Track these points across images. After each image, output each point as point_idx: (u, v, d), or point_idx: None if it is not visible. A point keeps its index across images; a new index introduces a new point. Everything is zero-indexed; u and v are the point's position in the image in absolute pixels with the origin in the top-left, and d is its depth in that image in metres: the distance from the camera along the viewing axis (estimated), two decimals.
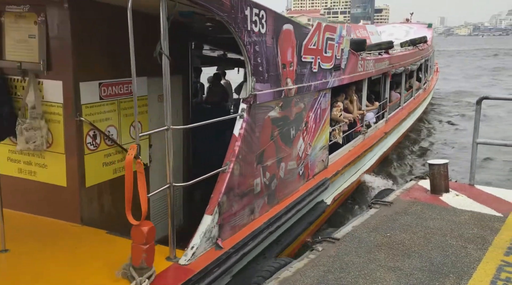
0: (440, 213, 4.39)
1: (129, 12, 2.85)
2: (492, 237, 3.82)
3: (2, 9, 3.86)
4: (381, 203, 4.67)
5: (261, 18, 4.03)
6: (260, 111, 4.21)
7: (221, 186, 3.75)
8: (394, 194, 5.03)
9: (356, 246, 3.65)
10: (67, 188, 3.92)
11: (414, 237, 3.83)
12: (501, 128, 13.47)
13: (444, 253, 3.53)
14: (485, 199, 4.81)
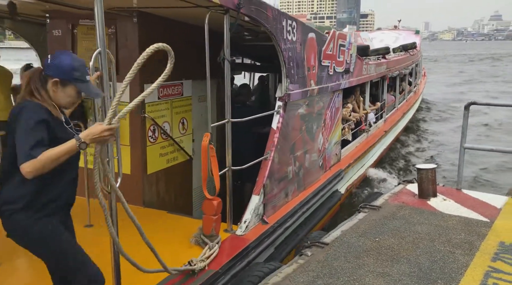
0: (428, 218, 4.44)
1: (206, 27, 3.50)
2: (479, 243, 3.86)
3: (75, 22, 4.50)
4: (369, 207, 4.72)
5: (293, 28, 4.73)
6: (292, 108, 4.90)
7: (265, 171, 4.43)
8: (383, 198, 5.08)
9: (345, 251, 3.67)
10: (131, 175, 4.55)
11: (402, 242, 3.87)
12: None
13: (432, 258, 3.56)
14: (472, 204, 4.87)
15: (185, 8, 3.78)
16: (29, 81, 2.28)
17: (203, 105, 5.39)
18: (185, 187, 5.21)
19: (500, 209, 4.74)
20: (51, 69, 2.30)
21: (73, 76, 2.31)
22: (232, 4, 3.57)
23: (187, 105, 5.15)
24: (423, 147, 12.10)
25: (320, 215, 5.65)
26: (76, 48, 4.55)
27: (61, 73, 2.29)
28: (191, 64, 4.83)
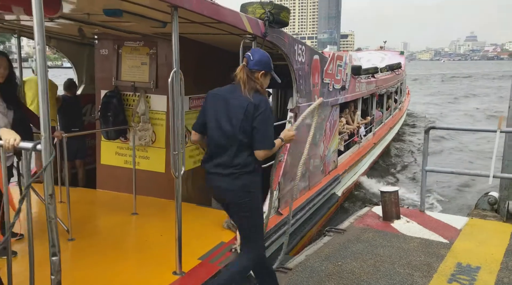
0: (390, 240, 4.51)
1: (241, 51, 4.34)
2: (438, 264, 3.94)
3: (121, 43, 5.32)
4: (334, 230, 4.82)
5: (302, 51, 5.62)
6: None
7: (279, 170, 5.25)
8: (348, 221, 5.19)
9: (307, 276, 3.70)
10: (165, 173, 5.33)
11: (364, 265, 3.92)
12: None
13: (391, 281, 3.61)
14: (433, 226, 4.99)
15: (219, 35, 4.63)
16: (245, 80, 2.89)
17: None
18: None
19: (460, 230, 4.93)
20: (257, 65, 2.93)
21: (271, 67, 3.00)
22: (260, 33, 4.43)
23: None
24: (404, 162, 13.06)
25: (322, 213, 6.48)
26: (121, 66, 5.35)
27: (266, 66, 2.95)
28: (216, 80, 5.67)
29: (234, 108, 2.88)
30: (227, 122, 2.88)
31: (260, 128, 2.83)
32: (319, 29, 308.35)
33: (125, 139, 5.45)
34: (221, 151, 2.92)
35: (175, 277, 3.43)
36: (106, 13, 3.50)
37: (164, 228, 4.43)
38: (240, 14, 4.08)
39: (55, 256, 2.34)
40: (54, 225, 2.31)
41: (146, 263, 3.64)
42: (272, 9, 4.53)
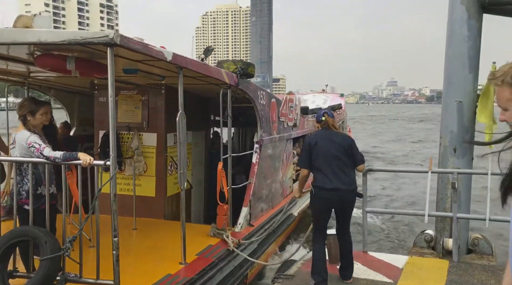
0: (337, 284, 4.69)
1: (220, 97, 5.69)
2: None
3: (117, 92, 6.50)
4: (283, 277, 4.97)
5: (264, 96, 7.07)
6: (264, 149, 7.13)
7: (250, 191, 6.53)
8: (296, 266, 5.38)
9: None
10: (155, 197, 6.44)
11: None
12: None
13: None
14: (377, 266, 5.19)
15: (203, 85, 5.98)
16: (336, 125, 4.93)
17: (198, 149, 7.48)
18: (187, 207, 7.13)
19: (402, 269, 5.17)
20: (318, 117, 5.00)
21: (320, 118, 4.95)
22: (234, 83, 5.82)
23: (189, 148, 7.20)
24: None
25: (282, 229, 7.76)
26: (118, 111, 6.51)
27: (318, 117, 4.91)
28: (192, 120, 6.96)
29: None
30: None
31: (357, 152, 4.85)
32: None
33: (121, 170, 6.53)
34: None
35: (181, 266, 4.56)
36: (126, 71, 4.74)
37: (162, 237, 5.53)
38: (221, 70, 5.46)
39: (115, 237, 3.47)
40: (116, 216, 3.45)
41: (158, 259, 4.74)
42: (242, 65, 5.96)
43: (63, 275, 3.56)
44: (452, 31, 6.05)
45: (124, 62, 4.57)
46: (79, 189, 3.77)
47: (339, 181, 4.64)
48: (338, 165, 4.68)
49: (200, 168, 7.71)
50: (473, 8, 6.05)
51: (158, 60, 4.09)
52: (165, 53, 4.03)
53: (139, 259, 4.75)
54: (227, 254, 5.27)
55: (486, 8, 6.03)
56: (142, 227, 5.96)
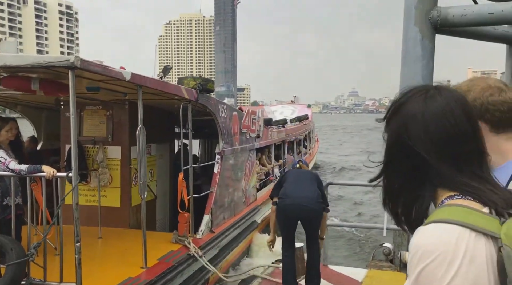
0: None
1: (181, 112, 6.08)
2: None
3: (83, 108, 6.80)
4: None
5: (225, 109, 7.50)
6: (226, 159, 7.53)
7: (211, 199, 6.91)
8: (257, 281, 5.46)
9: None
10: (120, 207, 6.73)
11: None
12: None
13: None
14: (337, 280, 5.28)
15: (164, 100, 6.36)
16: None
17: (163, 161, 7.83)
18: (152, 217, 7.45)
19: (361, 282, 5.25)
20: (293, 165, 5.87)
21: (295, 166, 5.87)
22: (193, 98, 6.22)
23: (153, 160, 7.54)
24: None
25: (244, 235, 8.16)
26: (83, 125, 6.81)
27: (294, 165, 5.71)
28: (156, 133, 7.32)
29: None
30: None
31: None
32: (217, 83, 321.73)
33: (86, 182, 6.81)
34: None
35: (142, 270, 4.89)
36: (88, 89, 5.09)
37: (125, 245, 5.84)
38: (181, 87, 5.87)
39: (78, 243, 3.81)
40: (78, 223, 3.79)
41: (121, 264, 5.06)
42: (201, 81, 6.38)
43: (28, 279, 3.85)
44: (406, 50, 6.59)
45: (88, 81, 4.93)
46: (44, 200, 4.07)
47: (301, 192, 5.11)
48: (303, 183, 5.24)
49: (165, 178, 8.03)
50: (426, 29, 6.64)
51: (118, 80, 4.47)
52: (124, 74, 4.41)
53: (102, 264, 5.05)
54: (187, 258, 5.62)
55: (438, 29, 6.67)
56: (107, 235, 6.24)
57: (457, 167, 1.01)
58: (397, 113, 1.08)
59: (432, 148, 1.01)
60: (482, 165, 1.05)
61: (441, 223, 0.94)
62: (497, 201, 0.97)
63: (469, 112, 1.06)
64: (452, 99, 1.05)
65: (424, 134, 1.02)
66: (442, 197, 1.02)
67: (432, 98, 1.05)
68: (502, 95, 1.50)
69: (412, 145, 1.03)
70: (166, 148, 8.08)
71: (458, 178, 1.01)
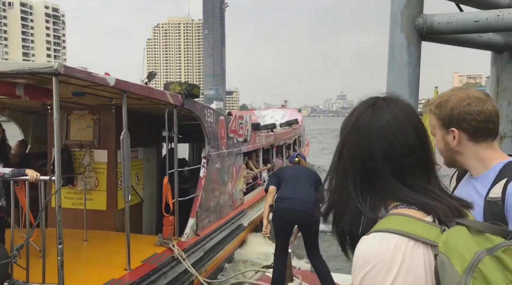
0: None
1: (166, 117, 6.19)
2: None
3: (69, 112, 6.89)
4: None
5: (211, 114, 7.61)
6: (212, 163, 7.64)
7: (197, 203, 7.01)
8: None
9: None
10: (106, 211, 6.81)
11: None
12: None
13: None
14: None
15: (151, 105, 6.46)
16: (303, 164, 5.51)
17: (150, 165, 7.92)
18: (139, 220, 7.54)
19: None
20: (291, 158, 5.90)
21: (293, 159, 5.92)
22: (179, 103, 6.34)
23: (140, 164, 7.63)
24: None
25: (231, 238, 8.26)
26: (70, 128, 6.90)
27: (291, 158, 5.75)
28: (143, 137, 7.43)
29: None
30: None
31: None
32: (205, 86, 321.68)
33: (73, 186, 6.88)
34: None
35: (126, 272, 4.98)
36: (74, 94, 5.19)
37: (110, 247, 5.93)
38: (166, 92, 5.98)
39: (60, 244, 3.90)
40: (60, 225, 3.88)
41: (105, 266, 5.14)
42: (187, 87, 6.49)
43: (11, 281, 3.93)
44: (392, 57, 6.78)
45: (73, 86, 5.03)
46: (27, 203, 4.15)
47: (298, 194, 5.03)
48: (300, 184, 5.16)
49: (152, 182, 8.12)
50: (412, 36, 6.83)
51: (102, 85, 4.58)
52: (108, 79, 4.52)
53: (86, 266, 5.14)
54: (171, 261, 5.72)
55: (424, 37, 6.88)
56: (93, 238, 6.32)
57: (403, 178, 1.03)
58: (347, 126, 1.11)
59: (378, 159, 1.03)
60: (430, 175, 1.06)
61: (381, 232, 0.96)
62: (441, 210, 0.98)
63: (416, 124, 1.07)
64: (399, 111, 1.06)
65: (369, 146, 1.04)
66: (389, 206, 1.04)
67: (379, 110, 1.07)
68: (480, 105, 1.52)
69: (359, 157, 1.05)
70: (153, 152, 8.18)
71: (403, 189, 1.02)
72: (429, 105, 1.64)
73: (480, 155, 1.55)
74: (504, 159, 1.54)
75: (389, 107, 1.07)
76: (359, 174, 1.05)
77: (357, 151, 1.06)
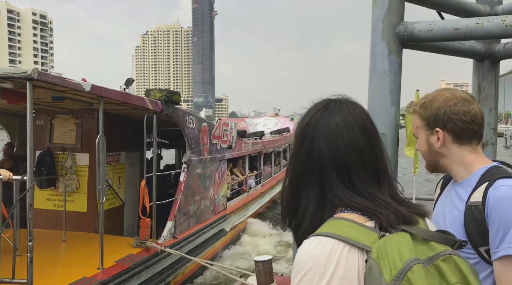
0: None
1: (145, 122, 6.40)
2: None
3: (53, 116, 7.09)
4: None
5: (193, 120, 7.82)
6: (192, 169, 7.84)
7: (175, 206, 7.19)
8: None
9: None
10: (87, 212, 6.99)
11: None
12: None
13: None
14: None
15: (130, 110, 6.67)
16: None
17: (132, 169, 8.11)
18: (120, 222, 7.71)
19: None
20: None
21: None
22: (158, 109, 6.55)
23: (122, 168, 7.82)
24: None
25: (211, 242, 8.43)
26: (53, 132, 7.10)
27: None
28: (126, 142, 7.63)
29: None
30: None
31: None
32: (195, 93, 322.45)
33: (55, 188, 7.07)
34: None
35: (98, 271, 5.16)
36: (53, 98, 5.40)
37: (87, 248, 6.09)
38: (144, 98, 6.19)
39: (30, 241, 4.08)
40: (31, 223, 4.07)
41: (79, 265, 5.31)
42: (167, 94, 6.71)
43: None
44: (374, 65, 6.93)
45: (53, 92, 5.24)
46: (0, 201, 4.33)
47: None
48: None
49: (134, 186, 8.28)
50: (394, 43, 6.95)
51: (78, 91, 4.79)
52: (83, 85, 4.73)
53: (61, 265, 5.32)
54: (145, 261, 5.89)
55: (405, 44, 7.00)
56: (71, 239, 6.49)
57: (350, 183, 1.02)
58: (298, 128, 1.09)
59: (325, 162, 1.02)
60: (380, 181, 1.04)
61: (319, 236, 0.95)
62: (384, 216, 0.97)
63: (365, 127, 1.05)
64: (349, 114, 1.05)
65: (318, 148, 1.03)
66: (337, 210, 1.02)
67: (329, 113, 1.05)
68: (466, 105, 1.48)
69: (308, 160, 1.04)
70: (136, 156, 8.36)
71: (348, 194, 1.01)
72: (413, 105, 1.58)
73: (464, 158, 1.50)
74: (487, 164, 1.49)
75: (340, 109, 1.05)
76: (309, 177, 1.04)
77: (306, 154, 1.04)
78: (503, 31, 2.58)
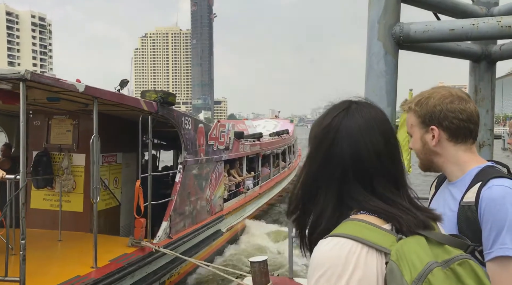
0: None
1: (140, 123, 6.46)
2: None
3: (50, 117, 7.17)
4: None
5: (189, 122, 7.88)
6: (188, 169, 7.89)
7: (171, 206, 7.25)
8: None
9: None
10: (83, 213, 7.05)
11: None
12: None
13: None
14: None
15: (126, 111, 6.74)
16: None
17: (129, 169, 8.17)
18: (116, 223, 7.77)
19: None
20: None
21: None
22: (154, 110, 6.61)
23: (119, 168, 7.89)
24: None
25: (207, 243, 8.48)
26: (50, 133, 7.17)
27: None
28: (122, 143, 7.69)
29: None
30: None
31: None
32: (193, 95, 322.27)
33: (51, 188, 7.13)
34: None
35: (92, 269, 5.21)
36: (49, 99, 5.47)
37: (83, 248, 6.15)
38: (139, 99, 6.25)
39: (23, 240, 4.14)
40: (24, 222, 4.13)
41: (73, 264, 5.38)
42: (162, 95, 6.77)
43: None
44: (370, 65, 6.93)
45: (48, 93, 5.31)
46: None
47: None
48: None
49: (131, 186, 8.32)
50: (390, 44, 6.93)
51: (71, 91, 4.85)
52: (77, 86, 4.80)
53: (55, 264, 5.38)
54: (139, 261, 5.94)
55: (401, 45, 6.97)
56: (67, 239, 6.55)
57: (369, 186, 1.02)
58: (317, 128, 1.09)
59: (347, 165, 1.02)
60: (397, 184, 1.04)
61: (336, 237, 0.95)
62: (404, 221, 0.97)
63: (386, 132, 1.05)
64: (370, 117, 1.04)
65: (341, 151, 1.03)
66: (352, 212, 1.02)
67: (351, 115, 1.04)
68: (462, 104, 1.47)
69: (329, 161, 1.04)
70: (133, 157, 8.43)
71: (367, 197, 1.01)
72: (408, 103, 1.56)
73: (458, 157, 1.49)
74: (482, 163, 1.48)
75: (362, 112, 1.05)
76: (326, 179, 1.04)
77: (325, 156, 1.04)
78: (499, 32, 2.57)
